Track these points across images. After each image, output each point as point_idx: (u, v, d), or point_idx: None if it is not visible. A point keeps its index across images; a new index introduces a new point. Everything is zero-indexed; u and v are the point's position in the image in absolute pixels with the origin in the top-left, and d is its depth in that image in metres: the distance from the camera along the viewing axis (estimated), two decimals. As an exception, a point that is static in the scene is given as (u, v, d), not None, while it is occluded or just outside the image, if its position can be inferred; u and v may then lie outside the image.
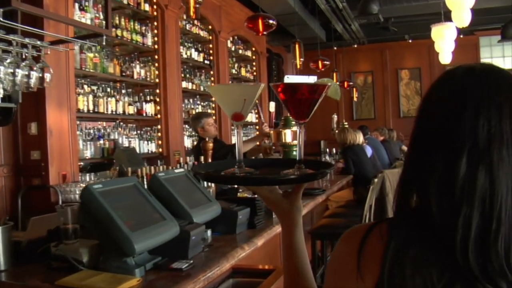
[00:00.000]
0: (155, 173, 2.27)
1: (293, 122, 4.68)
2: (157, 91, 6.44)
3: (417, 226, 0.89)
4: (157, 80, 6.43)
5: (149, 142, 6.28)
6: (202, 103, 7.85)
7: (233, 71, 8.99)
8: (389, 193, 5.33)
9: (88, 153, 5.22)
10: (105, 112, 5.48)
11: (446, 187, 0.86)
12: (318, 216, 4.97)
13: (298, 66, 5.66)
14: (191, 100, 7.61)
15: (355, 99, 12.56)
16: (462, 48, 10.40)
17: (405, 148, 10.02)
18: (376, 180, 4.70)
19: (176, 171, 2.45)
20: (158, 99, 6.43)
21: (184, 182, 2.42)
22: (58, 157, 4.54)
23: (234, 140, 8.39)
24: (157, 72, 6.44)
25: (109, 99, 5.57)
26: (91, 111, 5.24)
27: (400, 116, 13.05)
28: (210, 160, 3.13)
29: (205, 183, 2.79)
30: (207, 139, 3.21)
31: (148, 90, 6.41)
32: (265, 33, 4.26)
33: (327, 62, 7.30)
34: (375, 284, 0.87)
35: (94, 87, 5.52)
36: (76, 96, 5.03)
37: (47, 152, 4.42)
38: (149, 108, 6.30)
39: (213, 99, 7.99)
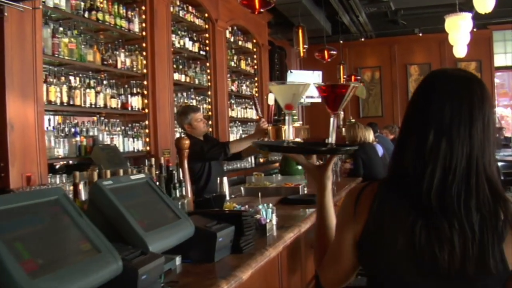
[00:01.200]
0: (98, 180, 1.63)
1: (295, 117, 4.03)
2: (145, 82, 5.80)
3: (397, 184, 1.31)
4: (144, 71, 5.79)
5: (135, 139, 5.64)
6: (197, 97, 7.20)
7: (232, 63, 8.33)
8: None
9: (61, 152, 4.58)
10: (83, 105, 4.84)
11: (419, 152, 1.26)
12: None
13: (301, 54, 5.02)
14: (184, 94, 6.96)
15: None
16: (474, 42, 9.70)
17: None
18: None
19: (133, 177, 1.81)
20: (145, 92, 5.79)
21: (143, 193, 1.79)
22: (21, 156, 3.91)
23: (232, 137, 7.76)
24: (144, 62, 5.80)
25: (88, 90, 4.93)
26: (65, 104, 4.61)
27: (409, 114, 12.34)
28: (186, 163, 2.49)
29: (177, 193, 2.17)
30: (182, 136, 2.55)
31: (134, 81, 5.77)
32: (262, 10, 3.61)
33: (334, 52, 6.62)
34: (364, 224, 1.30)
35: (71, 77, 4.89)
36: (46, 86, 4.40)
37: (7, 150, 3.79)
38: (135, 102, 5.66)
39: (209, 93, 7.35)
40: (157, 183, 2.09)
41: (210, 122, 7.33)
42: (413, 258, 1.22)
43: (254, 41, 9.19)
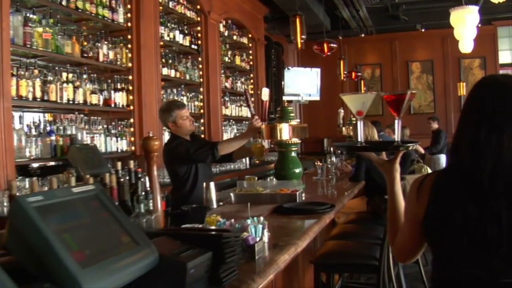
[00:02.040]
0: (20, 197, 1.19)
1: (292, 114, 3.61)
2: (130, 77, 5.37)
3: (454, 173, 1.55)
4: (129, 65, 5.36)
5: (119, 138, 5.21)
6: (188, 94, 6.77)
7: (226, 58, 7.90)
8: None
9: (33, 152, 4.14)
10: (59, 101, 4.41)
11: (473, 147, 1.48)
12: (323, 234, 3.90)
13: (299, 46, 4.59)
14: (174, 90, 6.53)
15: (362, 92, 11.43)
16: (478, 38, 9.25)
17: (419, 148, 8.93)
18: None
19: (76, 190, 1.37)
20: (130, 87, 5.36)
21: (88, 212, 1.35)
22: (-16, 158, 3.48)
23: (226, 137, 7.33)
24: (129, 55, 5.37)
25: (65, 85, 4.49)
26: (38, 99, 4.17)
27: (410, 112, 11.95)
28: (155, 169, 2.04)
29: (142, 207, 1.74)
30: (150, 135, 2.11)
31: (118, 76, 5.34)
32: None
33: (334, 45, 6.17)
34: (425, 207, 1.54)
35: (45, 70, 4.45)
36: (17, 80, 3.97)
37: (-34, 150, 3.35)
38: (119, 98, 5.23)
39: (201, 89, 6.92)
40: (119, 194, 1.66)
41: (202, 121, 6.90)
42: (466, 232, 1.46)
43: (250, 36, 8.77)
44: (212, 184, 3.18)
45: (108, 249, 1.28)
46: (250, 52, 8.87)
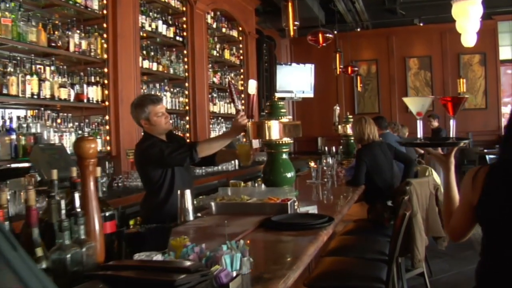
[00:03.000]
0: None
1: (283, 110, 3.12)
2: (105, 70, 4.86)
3: (506, 166, 1.80)
4: (105, 56, 4.86)
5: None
6: (172, 89, 6.27)
7: (214, 52, 7.40)
8: (417, 212, 3.79)
9: (-12, 153, 3.65)
10: (21, 95, 3.90)
11: None
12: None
13: (291, 33, 4.10)
14: (157, 85, 6.02)
15: (359, 89, 10.97)
16: (479, 33, 8.82)
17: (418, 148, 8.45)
18: (405, 197, 3.15)
19: None
20: (106, 81, 4.86)
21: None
22: None
23: (213, 135, 6.83)
24: (105, 46, 4.86)
25: (28, 77, 3.99)
26: (-6, 93, 3.67)
27: (407, 110, 11.36)
28: (91, 180, 1.54)
29: (65, 237, 1.24)
30: (86, 135, 1.61)
31: (92, 68, 4.84)
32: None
33: (330, 35, 5.68)
34: (479, 194, 1.78)
35: (5, 60, 3.96)
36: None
37: None
38: (93, 93, 4.72)
39: (187, 84, 6.41)
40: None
41: (187, 118, 6.41)
42: None
43: (240, 29, 8.26)
44: (188, 192, 2.69)
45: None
46: (240, 46, 8.37)
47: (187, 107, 6.39)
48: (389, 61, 11.66)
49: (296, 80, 11.14)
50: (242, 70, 8.34)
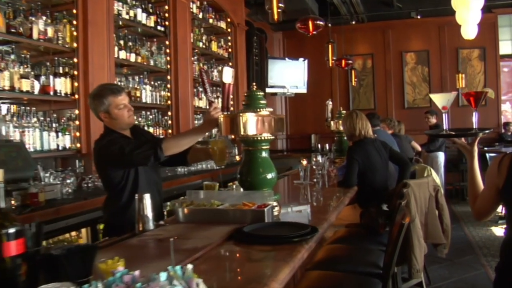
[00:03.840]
0: None
1: (262, 102, 2.72)
2: (75, 60, 4.45)
3: None
4: (74, 45, 4.44)
5: (61, 133, 4.30)
6: (153, 82, 5.86)
7: (200, 44, 6.98)
8: (416, 216, 3.39)
9: None
10: (-27, 86, 3.50)
11: None
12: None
13: (276, 17, 3.68)
14: (136, 78, 5.61)
15: (353, 83, 10.55)
16: (478, 27, 8.45)
17: (415, 144, 8.07)
18: (403, 201, 2.75)
19: None
20: (75, 72, 4.44)
21: None
22: None
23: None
24: (75, 33, 4.45)
25: (-17, 66, 3.58)
26: None
27: (404, 106, 11.10)
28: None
29: None
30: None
31: (59, 58, 4.42)
32: None
33: (320, 23, 5.25)
34: (504, 179, 2.03)
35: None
36: None
37: None
38: (60, 85, 4.31)
39: (169, 77, 6.00)
40: None
41: (169, 113, 5.99)
42: None
43: (228, 20, 7.85)
44: (147, 197, 2.29)
45: None
46: (229, 38, 7.97)
47: (169, 101, 5.98)
48: (385, 55, 11.25)
49: (289, 75, 10.74)
50: (230, 63, 7.94)
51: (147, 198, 2.31)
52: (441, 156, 8.63)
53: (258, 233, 2.03)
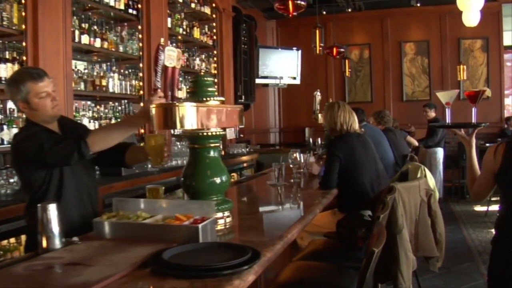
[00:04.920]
0: None
1: (211, 89, 2.22)
2: (23, 44, 3.95)
3: None
4: (23, 27, 3.94)
5: (7, 126, 3.81)
6: (123, 71, 5.36)
7: (180, 30, 6.47)
8: (403, 227, 2.90)
9: None
10: None
11: None
12: (270, 272, 2.52)
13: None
14: (104, 65, 5.11)
15: (347, 73, 10.02)
16: (481, 15, 7.92)
17: (411, 139, 7.56)
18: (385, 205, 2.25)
19: None
20: (24, 58, 3.94)
21: None
22: None
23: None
24: (23, 13, 3.94)
25: None
26: None
27: (402, 99, 10.57)
28: None
29: None
30: None
31: (6, 42, 3.92)
32: None
33: (302, 3, 4.69)
34: (500, 164, 2.32)
35: None
36: None
37: None
38: (6, 72, 3.81)
39: (141, 65, 5.49)
40: None
41: (141, 104, 5.48)
42: None
43: (213, 5, 7.32)
44: (52, 208, 1.80)
45: None
46: (214, 24, 7.44)
47: (141, 92, 5.47)
48: (383, 45, 10.70)
49: (282, 65, 10.23)
50: (215, 52, 7.42)
51: (51, 209, 1.82)
52: (440, 152, 8.14)
53: (177, 260, 1.53)
